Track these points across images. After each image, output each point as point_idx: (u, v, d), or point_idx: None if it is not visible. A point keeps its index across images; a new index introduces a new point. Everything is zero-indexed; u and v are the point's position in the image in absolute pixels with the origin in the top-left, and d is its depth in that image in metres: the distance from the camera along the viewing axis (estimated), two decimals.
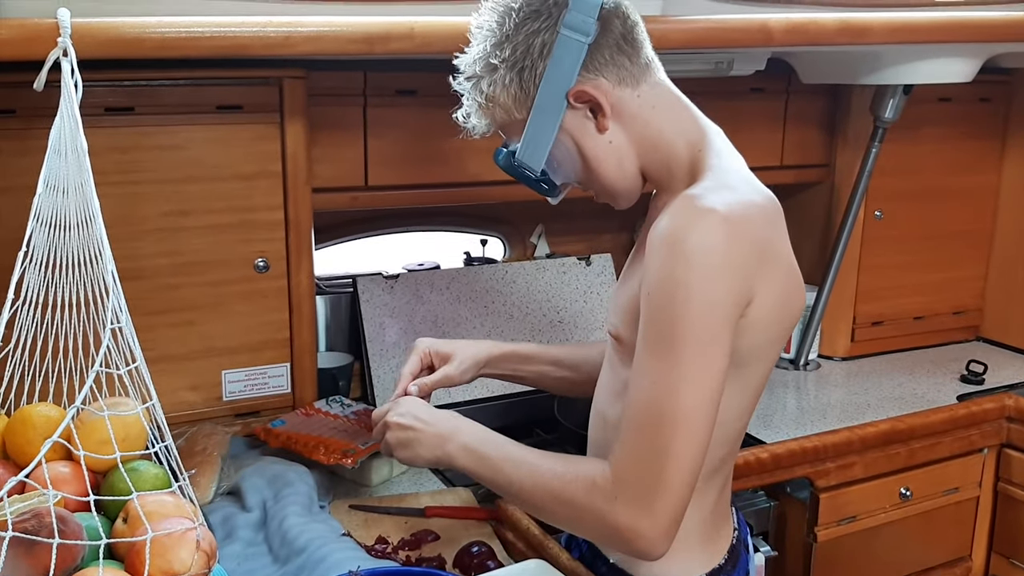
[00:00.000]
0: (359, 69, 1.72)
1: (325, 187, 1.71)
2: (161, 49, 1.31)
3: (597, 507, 1.02)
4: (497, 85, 1.13)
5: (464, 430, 1.19)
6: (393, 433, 1.23)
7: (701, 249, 0.99)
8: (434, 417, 1.22)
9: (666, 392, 0.99)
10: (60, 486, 0.87)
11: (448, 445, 1.18)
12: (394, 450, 1.23)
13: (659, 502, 0.98)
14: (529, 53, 1.10)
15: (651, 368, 1.01)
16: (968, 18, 1.85)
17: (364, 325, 1.91)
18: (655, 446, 0.99)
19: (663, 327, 1.00)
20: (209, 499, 1.43)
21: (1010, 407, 1.99)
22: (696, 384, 0.99)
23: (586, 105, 1.12)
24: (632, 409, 1.02)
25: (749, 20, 1.63)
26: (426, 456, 1.21)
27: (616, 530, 1.01)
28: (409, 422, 1.22)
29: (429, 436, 1.20)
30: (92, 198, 1.09)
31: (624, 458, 1.02)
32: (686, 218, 1.01)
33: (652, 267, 1.02)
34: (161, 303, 1.57)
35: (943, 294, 2.40)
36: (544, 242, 2.21)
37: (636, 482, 1.00)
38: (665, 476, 0.98)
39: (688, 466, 0.99)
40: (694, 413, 0.99)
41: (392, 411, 1.25)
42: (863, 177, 2.12)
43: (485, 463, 1.15)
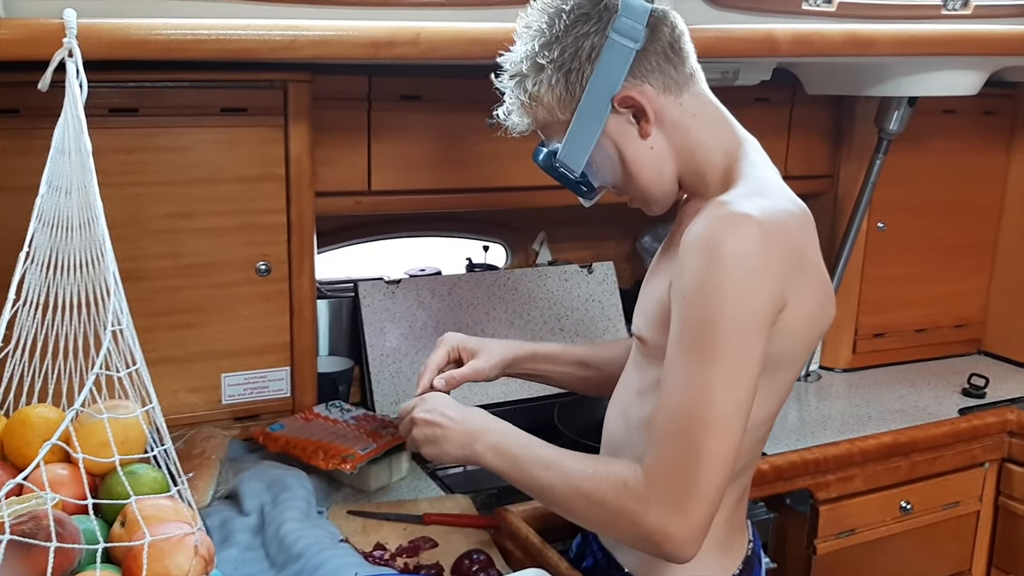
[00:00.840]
0: (364, 73, 1.72)
1: (328, 191, 1.71)
2: (167, 51, 1.31)
3: (629, 509, 1.02)
4: (543, 85, 1.13)
5: (493, 429, 1.19)
6: (420, 429, 1.23)
7: (736, 254, 0.99)
8: (462, 414, 1.22)
9: (700, 396, 0.99)
10: (58, 488, 0.87)
11: (476, 444, 1.18)
12: (421, 446, 1.23)
13: (691, 505, 0.99)
14: (577, 55, 1.10)
15: (685, 372, 1.01)
16: (974, 31, 1.85)
17: (365, 330, 1.90)
18: (688, 449, 0.99)
19: (697, 331, 1.00)
20: (207, 502, 1.42)
21: (1012, 421, 1.98)
22: (730, 388, 0.99)
23: (630, 111, 1.12)
24: (665, 412, 1.02)
25: (755, 30, 1.63)
26: (453, 454, 1.21)
27: (647, 532, 1.01)
28: (437, 418, 1.22)
29: (457, 434, 1.20)
30: (95, 199, 1.08)
31: (657, 461, 1.02)
32: (721, 223, 1.01)
33: (687, 271, 1.02)
34: (162, 305, 1.57)
35: (945, 307, 2.39)
36: (546, 249, 2.21)
37: (668, 485, 1.00)
38: (697, 479, 0.98)
39: (720, 470, 0.99)
40: (727, 417, 0.99)
41: (419, 407, 1.25)
42: (867, 188, 2.12)
43: (514, 464, 1.14)
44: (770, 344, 1.03)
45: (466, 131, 1.83)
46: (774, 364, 1.07)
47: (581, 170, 1.16)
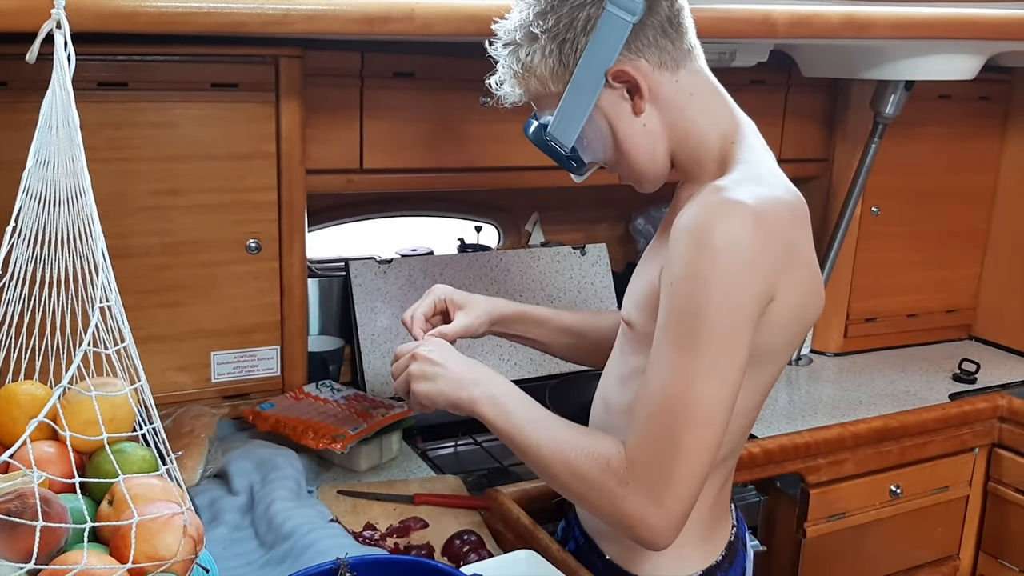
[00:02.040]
0: (356, 50, 1.70)
1: (319, 169, 1.69)
2: (157, 24, 1.29)
3: (609, 488, 1.01)
4: (536, 55, 1.10)
5: (495, 380, 1.16)
6: (419, 364, 1.19)
7: (727, 242, 0.97)
8: (464, 361, 1.19)
9: (684, 385, 0.98)
10: (45, 467, 0.86)
11: (474, 389, 1.14)
12: (414, 381, 1.18)
13: (669, 494, 0.98)
14: (572, 26, 1.08)
15: (670, 359, 0.99)
16: (972, 15, 1.83)
17: (356, 310, 1.89)
18: (669, 438, 0.98)
19: (684, 319, 0.99)
20: (195, 481, 1.41)
21: (1002, 407, 1.98)
22: (714, 379, 0.98)
23: (624, 86, 1.09)
24: (648, 397, 1.01)
25: (753, 11, 1.62)
26: (448, 394, 1.16)
27: (624, 515, 1.00)
28: (439, 358, 1.18)
29: (455, 375, 1.16)
30: (83, 173, 1.06)
31: (638, 445, 1.01)
32: (713, 210, 0.99)
33: (676, 258, 1.01)
34: (150, 282, 1.55)
35: (937, 292, 2.39)
36: (539, 230, 2.20)
37: (648, 471, 0.99)
38: (677, 469, 0.98)
39: (701, 460, 0.98)
40: (710, 408, 0.98)
41: (423, 345, 1.22)
42: (861, 173, 2.11)
43: (508, 418, 1.12)
44: (757, 336, 1.02)
45: (460, 110, 1.81)
46: (760, 356, 1.06)
47: (571, 145, 1.13)
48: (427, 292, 1.37)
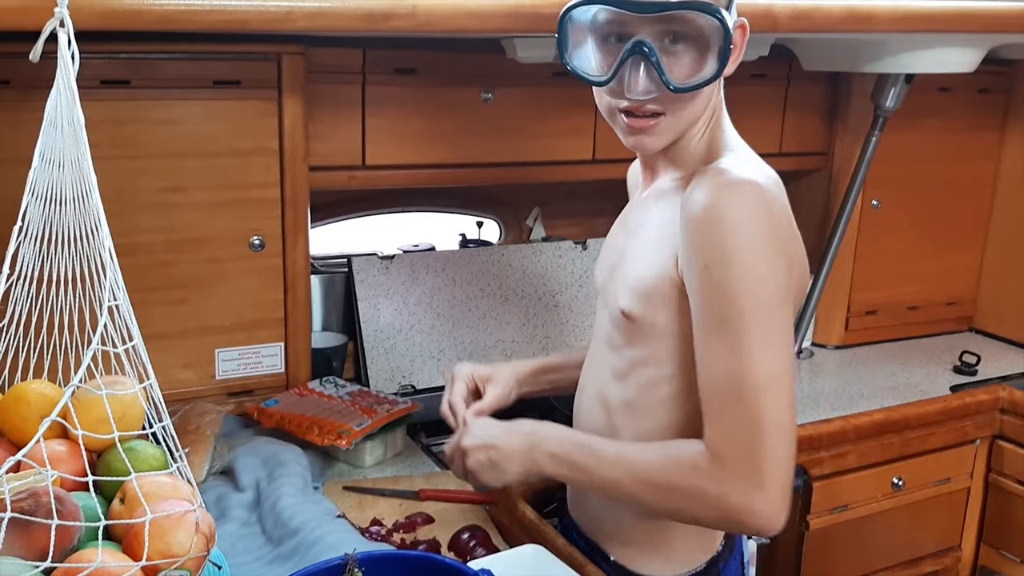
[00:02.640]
0: (358, 46, 1.70)
1: (322, 165, 1.70)
2: (160, 22, 1.28)
3: (706, 492, 1.00)
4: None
5: (546, 436, 1.14)
6: (473, 457, 1.17)
7: (747, 219, 0.99)
8: (510, 429, 1.17)
9: (747, 363, 0.98)
10: (57, 465, 0.86)
11: (534, 453, 1.13)
12: (479, 474, 1.17)
13: (766, 474, 0.97)
14: None
15: (725, 342, 0.99)
16: (973, 8, 1.83)
17: (359, 306, 1.89)
18: (749, 420, 0.98)
19: (725, 301, 0.99)
20: (202, 478, 1.42)
21: (1003, 399, 1.99)
22: (773, 348, 0.98)
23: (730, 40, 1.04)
24: (714, 386, 1.01)
25: (754, 5, 1.62)
26: (515, 471, 1.15)
27: (731, 512, 0.99)
28: (487, 441, 1.16)
29: (512, 450, 1.15)
30: (89, 172, 1.06)
31: (720, 437, 1.00)
32: (730, 191, 1.00)
33: (702, 243, 1.00)
34: (155, 280, 1.56)
35: (938, 284, 2.40)
36: (540, 225, 2.20)
37: (738, 459, 0.98)
38: (765, 447, 0.97)
39: (785, 430, 0.98)
40: (778, 377, 0.98)
41: (464, 437, 1.19)
42: (862, 166, 2.11)
43: (576, 468, 1.11)
44: None
45: (461, 105, 1.81)
46: None
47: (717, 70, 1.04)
48: (453, 376, 1.36)
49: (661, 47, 1.03)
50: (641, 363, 1.14)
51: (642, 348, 1.13)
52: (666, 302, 1.08)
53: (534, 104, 1.87)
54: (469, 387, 1.35)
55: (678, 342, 1.10)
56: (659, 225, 1.12)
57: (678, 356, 1.11)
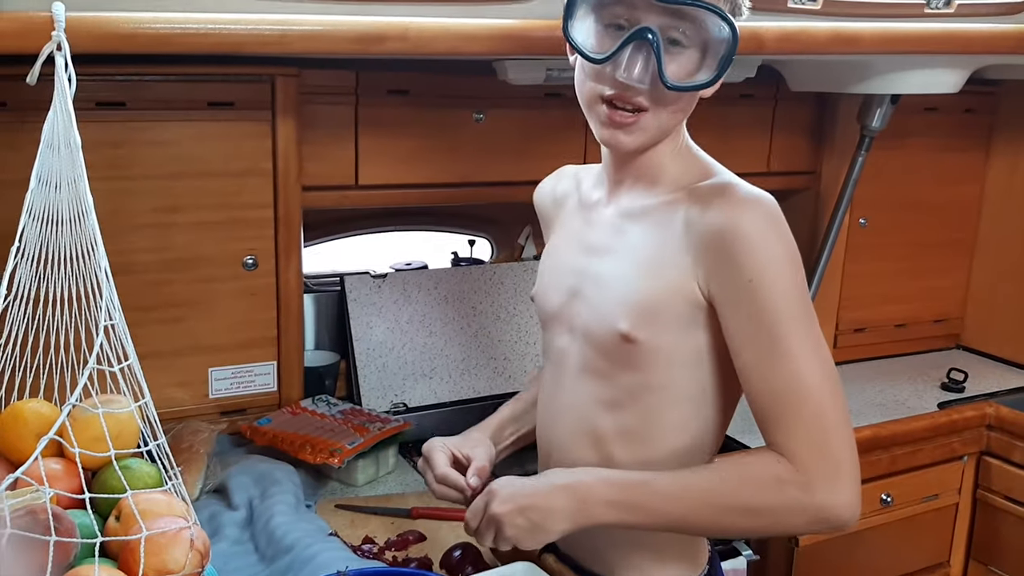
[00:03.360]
0: (351, 68, 1.72)
1: (315, 185, 1.71)
2: (155, 45, 1.30)
3: (797, 499, 1.01)
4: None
5: (592, 483, 1.06)
6: (511, 524, 1.05)
7: (774, 233, 1.03)
8: (545, 484, 1.07)
9: (805, 367, 1.01)
10: (53, 483, 0.87)
11: (587, 508, 1.05)
12: (520, 541, 1.06)
13: (844, 470, 1.00)
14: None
15: (778, 350, 1.01)
16: (957, 30, 1.87)
17: (351, 324, 1.90)
18: (819, 420, 1.00)
19: (771, 313, 1.01)
20: (195, 497, 1.43)
21: (990, 415, 2.01)
22: (820, 348, 1.03)
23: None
24: (776, 394, 1.02)
25: (741, 27, 1.63)
26: (562, 529, 1.05)
27: (821, 511, 1.00)
28: (522, 503, 1.05)
29: (557, 507, 1.05)
30: (85, 193, 1.08)
31: (796, 442, 1.01)
32: (748, 206, 1.03)
33: (735, 263, 1.02)
34: (149, 299, 1.57)
35: (925, 302, 2.43)
36: (532, 243, 2.21)
37: (818, 458, 1.00)
38: (838, 440, 1.00)
39: (847, 420, 1.02)
40: (831, 372, 1.02)
41: (491, 504, 1.07)
42: (849, 185, 2.14)
43: (640, 511, 1.05)
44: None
45: (453, 126, 1.83)
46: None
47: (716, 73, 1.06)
48: (428, 451, 1.23)
49: (665, 40, 1.03)
50: (644, 389, 1.11)
51: (645, 373, 1.11)
52: (677, 322, 1.08)
53: (526, 125, 1.89)
54: (448, 457, 1.23)
55: (686, 365, 1.09)
56: (655, 244, 1.10)
57: (686, 380, 1.10)
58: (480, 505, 1.09)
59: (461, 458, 1.23)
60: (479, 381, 1.99)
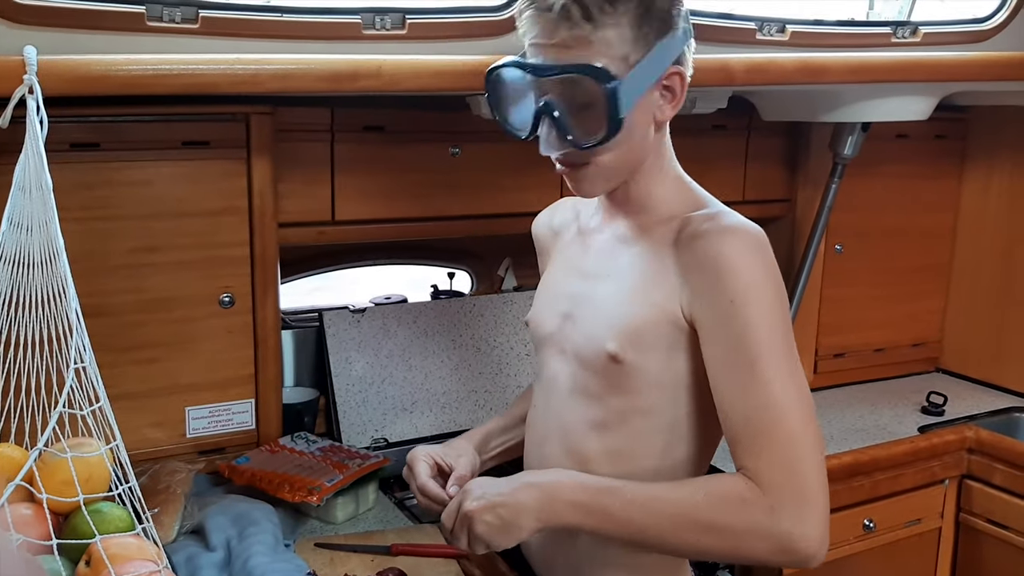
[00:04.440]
0: (326, 105, 1.73)
1: (292, 222, 1.71)
2: (128, 86, 1.31)
3: (759, 524, 1.00)
4: (631, 14, 1.06)
5: (562, 483, 1.07)
6: (481, 520, 1.05)
7: (760, 262, 1.05)
8: (516, 482, 1.08)
9: (779, 390, 1.01)
10: (22, 529, 0.86)
11: (553, 505, 1.05)
12: (490, 539, 1.06)
13: (812, 496, 0.99)
14: (666, 13, 1.09)
15: (755, 374, 1.02)
16: (923, 58, 1.90)
17: (330, 360, 1.90)
18: (790, 445, 1.00)
19: (750, 339, 1.02)
20: (172, 538, 1.41)
21: (970, 438, 2.02)
22: (796, 375, 1.03)
23: (667, 91, 1.11)
24: (749, 417, 1.02)
25: (710, 60, 1.67)
26: (530, 526, 1.05)
27: (784, 538, 0.98)
28: (493, 501, 1.06)
29: (525, 504, 1.05)
30: (56, 236, 1.08)
31: (765, 465, 1.01)
32: (735, 234, 1.06)
33: (719, 289, 1.04)
34: (125, 340, 1.56)
35: (903, 326, 2.44)
36: (511, 275, 2.22)
37: (785, 484, 0.99)
38: (808, 468, 1.00)
39: (820, 448, 1.02)
40: (805, 400, 1.03)
41: (464, 502, 1.07)
42: (823, 212, 2.16)
43: (604, 516, 1.05)
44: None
45: (430, 160, 1.84)
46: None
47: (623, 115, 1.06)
48: (412, 460, 1.24)
49: (571, 105, 1.07)
50: (631, 412, 1.13)
51: (631, 396, 1.12)
52: (662, 345, 1.09)
53: (502, 158, 1.90)
54: (432, 467, 1.24)
55: (671, 389, 1.11)
56: (645, 267, 1.13)
57: (671, 405, 1.11)
58: (454, 506, 1.09)
59: (445, 467, 1.24)
60: (460, 414, 1.98)
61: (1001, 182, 2.35)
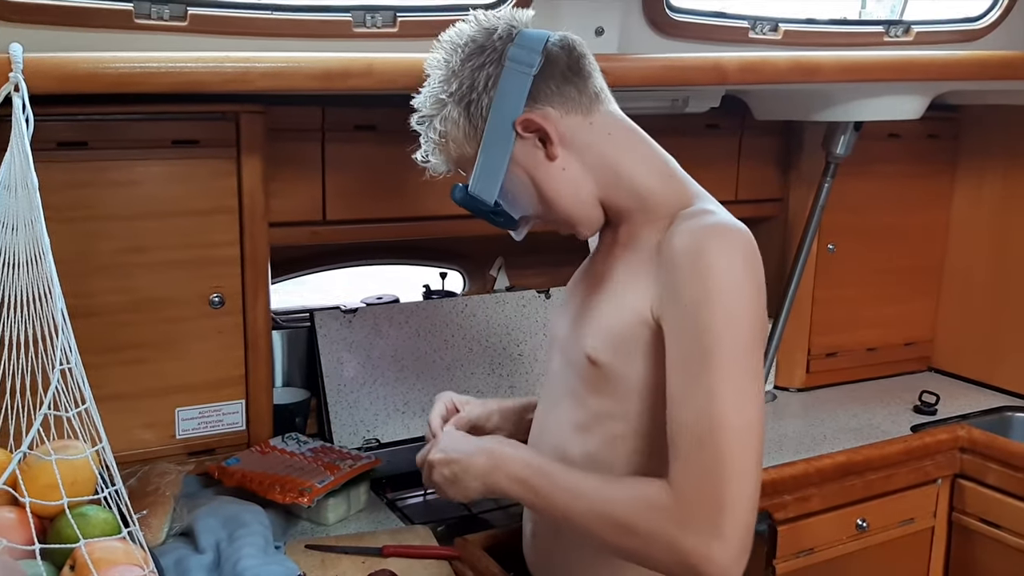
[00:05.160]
0: (317, 104, 1.72)
1: (283, 221, 1.70)
2: (117, 84, 1.30)
3: (666, 531, 0.98)
4: (448, 121, 1.13)
5: (510, 457, 1.13)
6: (438, 471, 1.18)
7: (733, 264, 1.01)
8: (475, 446, 1.17)
9: (717, 408, 0.98)
10: (5, 533, 0.85)
11: (495, 475, 1.13)
12: (442, 489, 1.18)
13: (728, 521, 0.96)
14: (474, 87, 1.11)
15: (696, 386, 0.99)
16: (916, 57, 1.90)
17: (321, 360, 1.89)
18: (715, 464, 0.97)
19: (703, 345, 0.99)
20: (161, 540, 1.40)
21: (963, 437, 2.02)
22: (744, 395, 0.99)
23: (535, 135, 1.11)
24: (685, 426, 1.00)
25: (704, 59, 1.66)
26: (476, 487, 1.15)
27: (685, 555, 0.97)
28: (451, 455, 1.17)
29: (474, 467, 1.14)
30: (42, 235, 1.07)
31: (686, 478, 0.98)
32: (713, 234, 1.03)
33: (684, 286, 1.02)
34: (114, 340, 1.55)
35: (895, 326, 2.44)
36: (504, 275, 2.21)
37: (701, 502, 0.97)
38: (729, 494, 0.96)
39: (751, 479, 0.98)
40: (747, 426, 0.98)
41: (433, 448, 1.20)
42: (816, 211, 2.16)
43: (535, 493, 1.10)
44: None
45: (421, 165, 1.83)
46: None
47: (495, 200, 1.14)
48: (436, 399, 1.38)
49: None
50: (607, 416, 1.13)
51: (608, 400, 1.12)
52: (638, 348, 1.08)
53: None
54: (448, 408, 1.35)
55: (649, 398, 1.09)
56: (628, 270, 1.13)
57: (648, 414, 1.10)
58: (426, 450, 1.22)
59: (460, 408, 1.36)
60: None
61: (993, 182, 2.35)
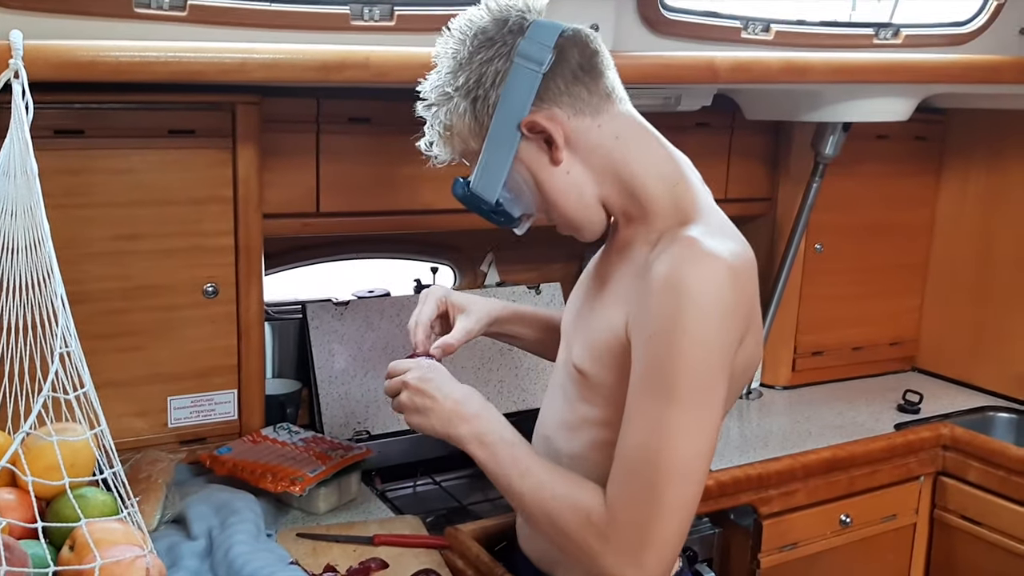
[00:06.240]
0: (313, 96, 1.72)
1: (276, 213, 1.71)
2: (115, 73, 1.31)
3: (588, 544, 1.00)
4: (453, 114, 1.11)
5: (484, 417, 1.14)
6: (410, 395, 1.17)
7: (706, 295, 0.97)
8: (457, 392, 1.16)
9: (665, 439, 0.97)
10: (6, 513, 0.86)
11: (463, 426, 1.13)
12: (406, 413, 1.18)
13: (649, 554, 0.97)
14: (482, 82, 1.08)
15: (649, 413, 0.99)
16: (905, 60, 1.92)
17: (313, 352, 1.90)
18: (651, 495, 0.97)
19: (663, 373, 0.98)
20: (153, 527, 1.40)
21: (945, 436, 2.05)
22: (694, 432, 0.98)
23: (540, 136, 1.08)
24: (629, 451, 1.00)
25: (696, 57, 1.68)
26: (437, 429, 1.15)
27: (602, 571, 1.00)
28: (430, 390, 1.16)
29: (447, 411, 1.14)
30: (42, 221, 1.08)
31: (619, 501, 1.00)
32: (693, 263, 0.99)
33: (654, 309, 0.99)
34: (107, 327, 1.55)
35: (881, 325, 2.47)
36: (494, 270, 2.22)
37: (628, 528, 0.98)
38: (658, 528, 0.96)
39: (682, 516, 0.98)
40: (690, 465, 0.98)
41: (414, 371, 1.18)
42: (804, 211, 2.18)
43: (493, 460, 1.11)
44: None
45: (414, 153, 1.81)
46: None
47: (496, 199, 1.12)
48: (425, 295, 1.35)
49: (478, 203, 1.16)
50: (592, 422, 1.14)
51: (593, 407, 1.13)
52: (615, 362, 1.08)
53: None
54: (440, 310, 1.34)
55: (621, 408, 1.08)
56: (619, 281, 1.12)
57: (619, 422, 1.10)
58: (404, 366, 1.20)
59: (451, 318, 1.34)
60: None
61: (977, 183, 2.38)
